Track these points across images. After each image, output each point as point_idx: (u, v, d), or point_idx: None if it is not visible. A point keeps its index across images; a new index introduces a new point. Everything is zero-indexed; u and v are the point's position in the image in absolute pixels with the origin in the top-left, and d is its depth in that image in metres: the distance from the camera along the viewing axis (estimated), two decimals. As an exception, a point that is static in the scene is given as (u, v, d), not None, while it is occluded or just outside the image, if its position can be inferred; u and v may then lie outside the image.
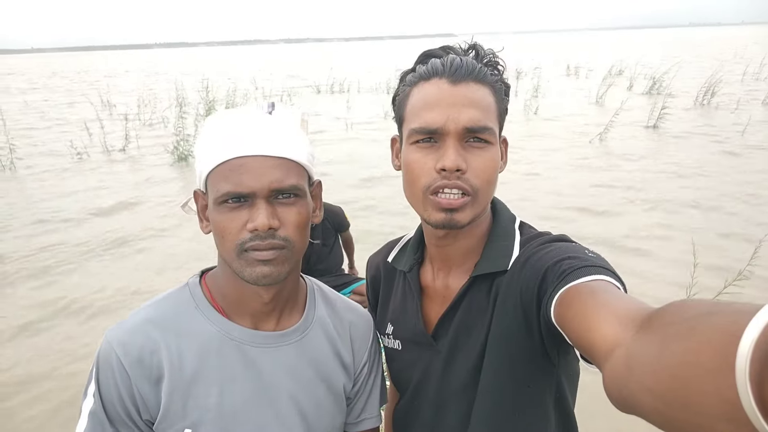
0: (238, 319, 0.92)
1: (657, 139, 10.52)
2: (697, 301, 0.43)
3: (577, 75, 23.87)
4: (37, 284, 4.93)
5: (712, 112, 13.24)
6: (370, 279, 1.17)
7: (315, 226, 3.51)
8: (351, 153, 9.99)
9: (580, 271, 0.71)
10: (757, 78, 19.13)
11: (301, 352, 0.95)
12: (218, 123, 0.86)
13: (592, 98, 15.62)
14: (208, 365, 0.88)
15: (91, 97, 17.99)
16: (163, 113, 14.28)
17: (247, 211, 0.82)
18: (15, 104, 18.96)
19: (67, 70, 48.10)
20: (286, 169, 0.83)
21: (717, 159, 8.70)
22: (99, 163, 9.81)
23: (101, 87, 23.73)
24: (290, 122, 0.88)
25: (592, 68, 24.22)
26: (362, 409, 1.07)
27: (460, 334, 0.93)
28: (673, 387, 0.39)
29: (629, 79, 18.76)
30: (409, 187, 0.90)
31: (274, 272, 0.84)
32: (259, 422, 0.90)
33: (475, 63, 0.87)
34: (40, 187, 8.20)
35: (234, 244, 0.83)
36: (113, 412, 0.83)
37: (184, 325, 0.89)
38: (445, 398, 0.96)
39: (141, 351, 0.84)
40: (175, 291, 0.94)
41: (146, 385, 0.84)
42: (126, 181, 8.53)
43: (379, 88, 20.31)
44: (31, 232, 6.27)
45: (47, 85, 30.27)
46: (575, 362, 0.93)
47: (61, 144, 11.17)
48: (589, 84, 18.62)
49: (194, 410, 0.86)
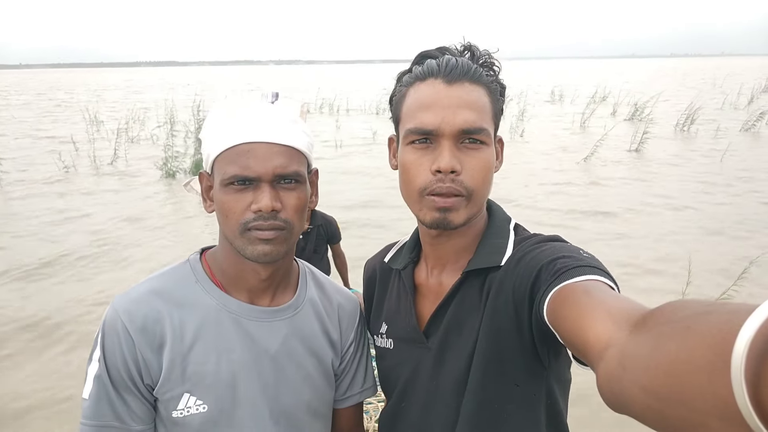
0: (236, 294, 0.98)
1: (639, 162, 10.79)
2: (692, 301, 0.43)
3: (561, 101, 24.42)
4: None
5: (692, 137, 13.64)
6: (366, 281, 1.18)
7: (309, 232, 3.59)
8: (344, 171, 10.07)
9: (574, 270, 0.71)
10: (735, 107, 19.72)
11: (293, 328, 1.01)
12: (226, 110, 0.93)
13: (577, 123, 15.99)
14: (207, 335, 0.94)
15: (81, 114, 17.96)
16: (152, 131, 14.30)
17: (252, 193, 0.88)
18: (3, 119, 18.83)
19: (56, 86, 47.95)
20: (289, 156, 0.90)
21: (693, 186, 8.95)
22: (86, 178, 9.79)
23: (90, 103, 23.70)
24: (292, 112, 0.95)
25: (576, 95, 24.78)
26: (348, 387, 1.13)
27: (451, 330, 0.93)
28: (666, 384, 0.39)
29: (612, 105, 19.26)
30: (405, 187, 0.92)
31: (274, 251, 0.90)
32: (252, 389, 0.95)
33: (470, 63, 0.88)
34: (25, 199, 8.15)
35: (238, 223, 0.89)
36: (117, 376, 0.89)
37: (185, 297, 0.95)
38: (434, 398, 0.95)
39: (145, 319, 0.90)
40: (176, 266, 1.00)
41: (149, 351, 0.90)
42: (112, 197, 8.51)
43: (368, 109, 20.57)
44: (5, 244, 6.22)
45: (30, 101, 30.12)
46: (567, 369, 0.93)
47: (50, 161, 11.12)
48: (573, 109, 19.04)
49: (193, 376, 0.92)
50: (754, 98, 20.84)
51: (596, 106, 18.02)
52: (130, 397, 0.90)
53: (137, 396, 0.91)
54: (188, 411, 0.92)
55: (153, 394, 0.92)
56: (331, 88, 29.06)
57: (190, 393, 0.91)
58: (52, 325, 4.36)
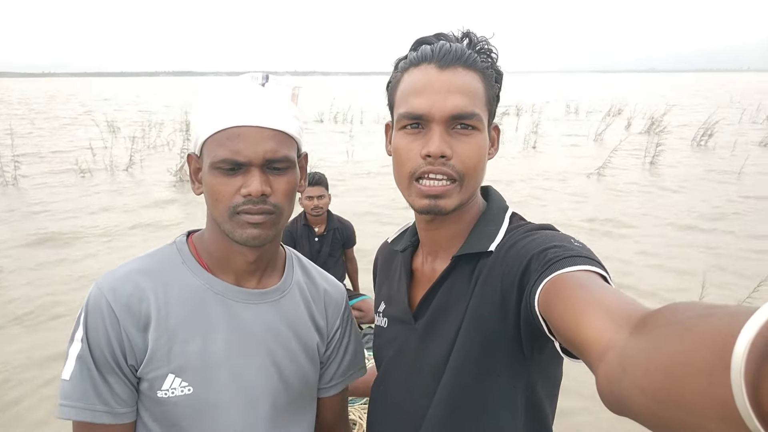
0: (222, 276, 0.97)
1: (654, 175, 10.67)
2: (693, 303, 0.43)
3: (576, 114, 24.30)
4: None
5: (709, 152, 13.45)
6: (375, 260, 1.22)
7: (326, 235, 3.60)
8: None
9: (566, 260, 0.70)
10: (754, 121, 19.46)
11: (279, 311, 1.00)
12: (216, 91, 0.92)
13: (591, 136, 15.88)
14: (193, 315, 0.92)
15: (98, 120, 18.30)
16: (168, 137, 14.51)
17: (242, 177, 0.87)
18: (24, 124, 19.26)
19: (76, 94, 48.97)
20: (279, 140, 0.89)
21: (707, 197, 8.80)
22: (102, 182, 9.93)
23: (108, 111, 24.14)
24: (283, 95, 0.94)
25: (591, 109, 24.66)
26: (333, 375, 1.12)
27: (437, 314, 0.94)
28: (666, 386, 0.39)
29: (627, 119, 19.11)
30: (396, 172, 0.93)
31: (262, 234, 0.90)
32: (237, 371, 0.94)
33: (464, 49, 0.88)
34: (40, 202, 8.28)
35: (227, 207, 0.88)
36: (100, 356, 0.87)
37: (171, 277, 0.94)
38: (415, 379, 0.96)
39: (130, 298, 0.89)
40: (162, 248, 0.99)
41: (134, 330, 0.88)
42: (127, 200, 8.61)
43: (382, 120, 20.68)
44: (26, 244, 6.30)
45: (53, 108, 30.77)
46: (555, 366, 0.92)
47: (68, 163, 11.31)
48: (588, 122, 18.94)
49: (178, 356, 0.90)
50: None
51: (612, 120, 17.91)
52: (113, 379, 0.88)
53: (120, 377, 0.89)
54: (173, 392, 0.90)
55: (136, 375, 0.90)
56: (357, 99, 29.28)
57: (175, 374, 0.90)
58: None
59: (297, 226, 3.59)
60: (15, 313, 4.54)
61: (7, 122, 17.86)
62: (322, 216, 3.57)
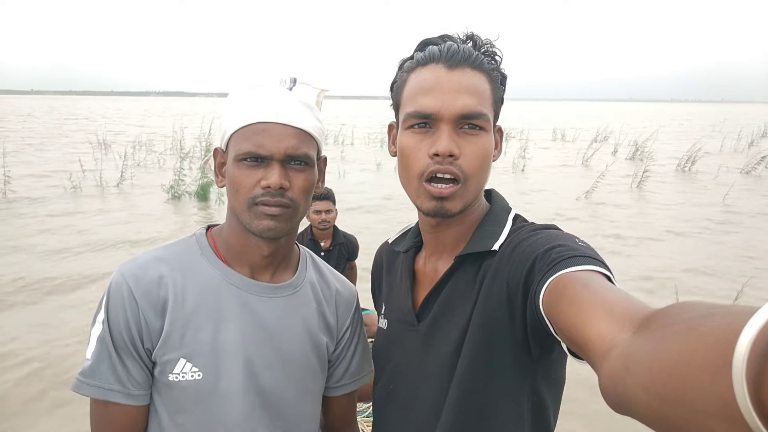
0: (238, 268, 1.01)
1: (639, 199, 10.87)
2: (697, 303, 0.43)
3: (563, 139, 24.73)
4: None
5: (692, 177, 13.76)
6: (375, 262, 1.20)
7: (332, 249, 3.64)
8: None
9: (570, 260, 0.70)
10: (735, 150, 19.95)
11: (291, 306, 1.04)
12: (246, 91, 0.97)
13: (579, 161, 16.16)
14: (207, 303, 0.96)
15: (90, 137, 18.26)
16: (159, 155, 14.53)
17: (263, 171, 0.92)
18: (14, 140, 19.14)
19: (66, 112, 48.81)
20: (300, 138, 0.94)
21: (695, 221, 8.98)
22: (93, 197, 9.89)
23: (98, 128, 24.11)
24: (308, 98, 1.00)
25: (577, 135, 25.11)
26: (342, 375, 1.14)
27: (441, 314, 0.93)
28: (669, 385, 0.39)
29: (614, 145, 19.50)
30: (403, 172, 0.92)
31: (278, 227, 0.94)
32: (247, 360, 0.97)
33: (471, 50, 0.88)
34: (33, 217, 8.22)
35: (246, 198, 0.93)
36: (119, 338, 0.91)
37: (189, 267, 0.98)
38: (421, 381, 0.94)
39: (149, 284, 0.93)
40: (182, 239, 1.04)
41: (151, 313, 0.92)
42: (118, 216, 8.58)
43: (374, 140, 20.85)
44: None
45: (45, 122, 30.63)
46: (559, 368, 0.91)
47: (57, 179, 11.26)
48: (575, 147, 19.28)
49: (190, 342, 0.94)
50: (754, 142, 21.11)
51: (599, 146, 18.26)
52: (130, 362, 0.92)
53: (137, 360, 0.93)
54: (183, 376, 0.93)
55: (151, 359, 0.94)
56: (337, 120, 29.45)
57: (186, 359, 0.93)
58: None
59: (304, 240, 3.63)
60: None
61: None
62: (328, 230, 3.61)
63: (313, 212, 3.55)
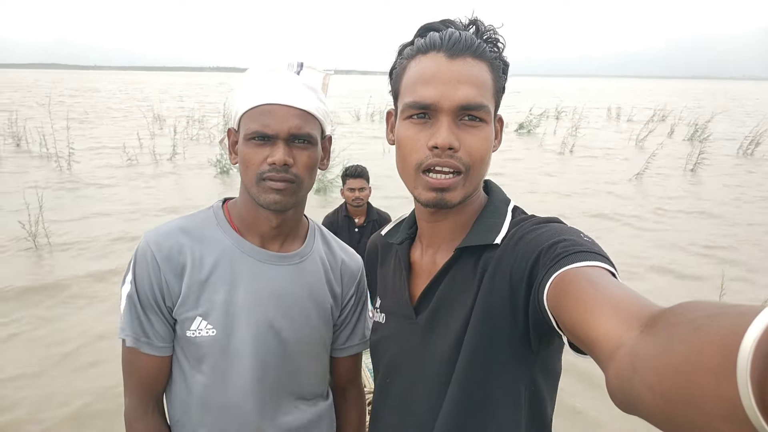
0: (250, 238, 1.11)
1: (694, 183, 10.41)
2: (704, 302, 0.43)
3: (618, 119, 23.78)
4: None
5: (756, 161, 13.00)
6: (367, 254, 1.20)
7: (366, 226, 3.76)
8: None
9: (576, 255, 0.69)
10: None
11: (298, 274, 1.13)
12: (255, 75, 1.05)
13: (632, 141, 15.57)
14: (221, 269, 1.07)
15: (146, 112, 19.08)
16: (210, 130, 15.02)
17: (269, 148, 1.01)
18: (77, 116, 20.22)
19: (130, 87, 50.92)
20: (303, 118, 1.02)
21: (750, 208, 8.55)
22: (147, 169, 10.42)
23: (155, 103, 25.11)
24: (313, 82, 1.07)
25: (634, 113, 24.06)
26: (348, 337, 1.25)
27: (441, 307, 0.91)
28: (675, 385, 0.38)
29: (671, 125, 18.62)
30: (401, 162, 0.90)
31: (283, 200, 1.03)
32: (255, 320, 1.07)
33: (474, 38, 0.85)
34: (96, 188, 8.78)
35: (254, 174, 1.02)
36: (144, 296, 1.04)
37: (206, 236, 1.09)
38: (420, 374, 0.94)
39: (170, 250, 1.05)
40: (201, 210, 1.15)
41: (172, 276, 1.04)
42: (170, 189, 9.01)
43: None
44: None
45: (107, 98, 32.10)
46: (555, 360, 0.91)
47: (116, 154, 11.88)
48: (630, 127, 18.52)
49: (206, 302, 1.05)
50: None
51: (655, 125, 17.48)
52: (153, 317, 1.04)
53: (159, 316, 1.05)
54: (199, 332, 1.05)
55: (173, 315, 1.06)
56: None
57: (202, 317, 1.05)
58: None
59: (338, 216, 3.74)
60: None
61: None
62: (362, 207, 3.71)
63: (348, 190, 3.64)
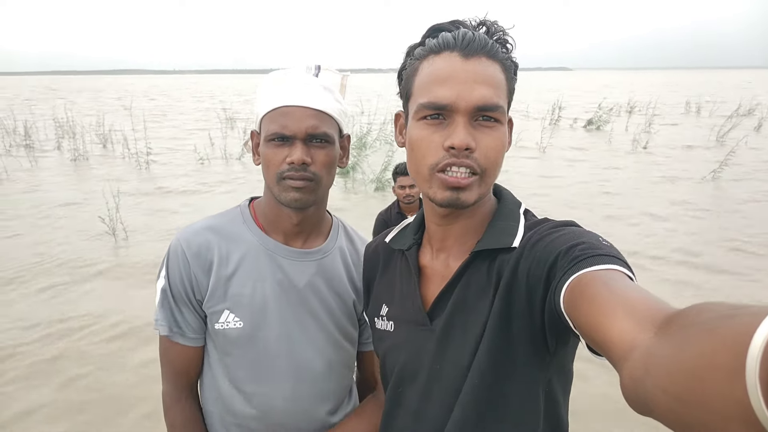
0: (274, 235, 1.17)
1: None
2: (718, 303, 0.43)
3: (698, 113, 22.30)
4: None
5: None
6: (366, 262, 1.16)
7: (393, 216, 3.77)
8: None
9: (593, 259, 0.69)
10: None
11: (321, 269, 1.18)
12: (275, 79, 1.11)
13: (712, 137, 14.56)
14: (247, 265, 1.13)
15: (218, 113, 20.06)
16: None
17: (288, 149, 1.06)
18: (155, 118, 21.58)
19: (199, 90, 53.68)
20: (320, 119, 1.07)
21: None
22: (218, 168, 10.98)
23: (226, 104, 26.33)
24: (330, 84, 1.12)
25: (716, 107, 22.48)
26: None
27: (457, 312, 0.90)
28: (688, 387, 0.38)
29: (759, 119, 17.24)
30: (415, 164, 0.88)
31: (303, 198, 1.07)
32: (279, 314, 1.13)
33: (486, 38, 0.84)
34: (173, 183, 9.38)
35: (275, 173, 1.07)
36: (176, 290, 1.12)
37: (233, 233, 1.16)
38: (435, 381, 0.92)
39: (199, 248, 1.12)
40: (229, 209, 1.22)
41: (200, 272, 1.12)
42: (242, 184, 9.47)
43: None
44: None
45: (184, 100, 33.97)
46: (569, 361, 0.90)
47: (187, 153, 12.59)
48: (711, 122, 17.34)
49: (232, 296, 1.12)
50: None
51: (739, 120, 16.25)
52: (185, 309, 1.13)
53: (190, 308, 1.13)
54: (227, 324, 1.12)
55: (203, 308, 1.13)
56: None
57: (229, 310, 1.12)
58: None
59: (391, 213, 3.79)
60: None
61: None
62: (413, 204, 3.74)
63: (398, 187, 3.68)
